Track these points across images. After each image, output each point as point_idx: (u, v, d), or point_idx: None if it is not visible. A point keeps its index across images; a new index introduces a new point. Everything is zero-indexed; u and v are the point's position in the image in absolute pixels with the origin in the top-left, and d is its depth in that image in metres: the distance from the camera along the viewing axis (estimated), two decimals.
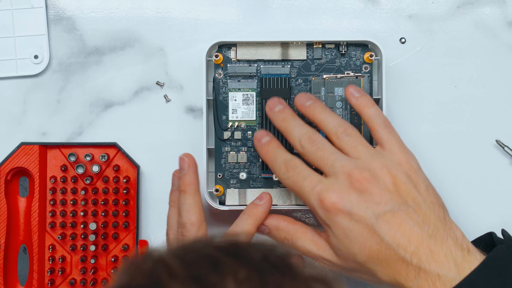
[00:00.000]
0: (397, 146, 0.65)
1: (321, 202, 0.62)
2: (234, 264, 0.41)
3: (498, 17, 0.75)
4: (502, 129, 0.74)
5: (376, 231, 0.61)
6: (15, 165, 0.73)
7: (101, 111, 0.75)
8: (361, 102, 0.66)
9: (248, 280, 0.41)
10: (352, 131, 0.65)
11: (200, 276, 0.40)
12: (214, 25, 0.75)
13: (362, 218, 0.61)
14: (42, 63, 0.75)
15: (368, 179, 0.62)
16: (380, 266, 0.62)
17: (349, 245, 0.62)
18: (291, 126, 0.66)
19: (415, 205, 0.62)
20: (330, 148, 0.64)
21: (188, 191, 0.66)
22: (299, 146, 0.65)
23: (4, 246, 0.72)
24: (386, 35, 0.75)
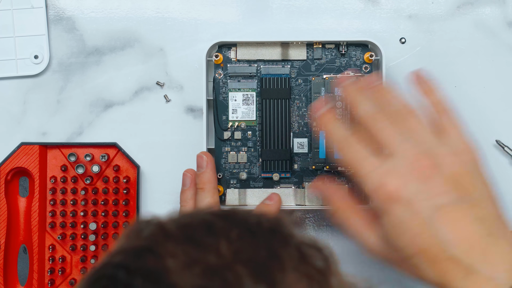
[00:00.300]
0: (463, 136, 0.61)
1: (381, 186, 0.59)
2: (227, 226, 0.42)
3: (498, 17, 0.75)
4: (502, 129, 0.74)
5: (431, 224, 0.57)
6: (15, 165, 0.73)
7: (101, 111, 0.75)
8: (428, 87, 0.63)
9: (240, 239, 0.42)
10: (418, 114, 0.62)
11: (194, 237, 0.42)
12: (214, 25, 0.75)
13: (419, 208, 0.58)
14: (42, 63, 0.75)
15: (432, 167, 0.59)
16: (427, 263, 0.58)
17: (400, 236, 0.59)
18: (362, 99, 0.62)
19: (475, 200, 0.59)
20: (399, 127, 0.61)
21: (207, 188, 0.68)
22: (371, 119, 0.61)
23: (4, 246, 0.72)
24: (386, 35, 0.75)
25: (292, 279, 0.41)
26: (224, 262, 0.41)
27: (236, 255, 0.41)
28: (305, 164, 0.72)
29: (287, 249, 0.43)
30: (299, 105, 0.72)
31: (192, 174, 0.69)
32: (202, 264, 0.40)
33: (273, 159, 0.71)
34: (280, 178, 0.72)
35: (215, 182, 0.69)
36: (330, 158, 0.71)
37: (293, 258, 0.42)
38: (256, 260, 0.41)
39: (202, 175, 0.69)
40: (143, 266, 0.41)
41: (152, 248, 0.41)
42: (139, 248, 0.42)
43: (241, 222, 0.44)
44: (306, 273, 0.42)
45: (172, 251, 0.41)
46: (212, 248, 0.41)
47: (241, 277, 0.40)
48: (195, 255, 0.41)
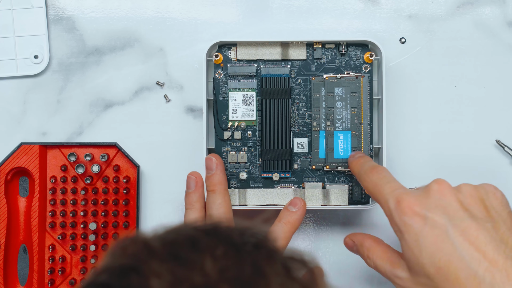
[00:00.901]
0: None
1: (398, 203, 0.60)
2: (212, 243, 0.42)
3: (498, 17, 0.75)
4: (502, 129, 0.74)
5: (450, 239, 0.57)
6: (15, 165, 0.73)
7: (101, 111, 0.75)
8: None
9: (225, 256, 0.41)
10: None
11: (178, 254, 0.41)
12: (214, 25, 0.75)
13: (438, 223, 0.58)
14: (42, 63, 0.75)
15: (451, 189, 0.60)
16: (450, 283, 0.57)
17: (420, 254, 0.58)
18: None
19: (495, 223, 0.59)
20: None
21: (218, 190, 0.68)
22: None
23: (4, 246, 0.72)
24: (386, 35, 0.75)
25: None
26: (209, 281, 0.40)
27: (221, 273, 0.41)
28: (305, 164, 0.72)
29: (272, 265, 0.42)
30: (299, 105, 0.72)
31: (197, 177, 0.69)
32: (187, 284, 0.40)
33: (273, 159, 0.71)
34: (280, 178, 0.72)
35: (225, 184, 0.69)
36: (330, 158, 0.71)
37: (278, 273, 0.42)
38: (241, 278, 0.41)
39: (213, 177, 0.69)
40: (127, 286, 0.40)
41: (136, 267, 0.41)
42: (123, 267, 0.41)
43: (226, 238, 0.43)
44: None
45: (157, 270, 0.41)
46: (197, 266, 0.41)
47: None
48: (180, 274, 0.40)
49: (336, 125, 0.71)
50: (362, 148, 0.71)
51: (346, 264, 0.74)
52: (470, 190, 0.60)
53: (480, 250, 0.57)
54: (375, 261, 0.64)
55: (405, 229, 0.59)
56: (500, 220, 0.59)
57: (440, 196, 0.59)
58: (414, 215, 0.59)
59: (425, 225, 0.58)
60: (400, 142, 0.74)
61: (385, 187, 0.62)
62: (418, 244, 0.59)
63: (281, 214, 0.68)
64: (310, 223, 0.75)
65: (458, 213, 0.59)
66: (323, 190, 0.71)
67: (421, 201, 0.59)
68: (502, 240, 0.58)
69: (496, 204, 0.60)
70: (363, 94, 0.71)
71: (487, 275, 0.56)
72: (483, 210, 0.59)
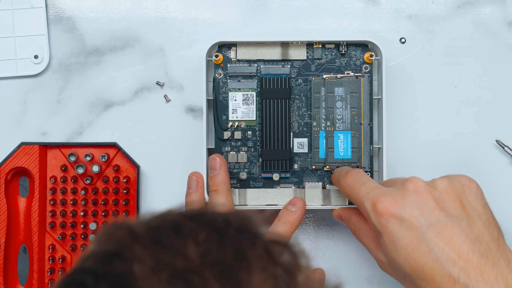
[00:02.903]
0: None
1: (374, 205, 0.60)
2: (195, 228, 0.43)
3: (498, 17, 0.75)
4: (502, 129, 0.74)
5: (425, 241, 0.58)
6: (15, 165, 0.73)
7: (101, 111, 0.75)
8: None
9: (207, 241, 0.42)
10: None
11: (161, 240, 0.42)
12: (214, 25, 0.75)
13: (413, 225, 0.59)
14: (42, 63, 0.75)
15: (426, 187, 0.60)
16: (425, 282, 0.58)
17: (396, 254, 0.59)
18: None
19: (470, 219, 0.59)
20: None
21: (221, 190, 0.68)
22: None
23: (4, 246, 0.72)
24: (386, 35, 0.75)
25: (258, 280, 0.42)
26: (191, 265, 0.41)
27: (203, 258, 0.41)
28: (305, 164, 0.72)
29: (254, 249, 0.43)
30: (299, 105, 0.72)
31: (198, 177, 0.69)
32: (169, 269, 0.41)
33: (273, 159, 0.71)
34: (280, 178, 0.72)
35: (228, 184, 0.69)
36: (330, 158, 0.71)
37: (260, 257, 0.43)
38: (222, 262, 0.41)
39: (216, 177, 0.69)
40: (111, 272, 0.41)
41: (120, 253, 0.42)
42: (108, 253, 0.42)
43: (209, 223, 0.44)
44: (273, 273, 0.42)
45: (140, 255, 0.41)
46: (180, 251, 0.41)
47: (207, 280, 0.40)
48: (162, 259, 0.41)
49: (336, 125, 0.71)
50: (362, 148, 0.71)
51: (346, 264, 0.74)
52: (446, 186, 0.60)
53: (455, 250, 0.58)
54: (362, 238, 0.67)
55: (383, 230, 0.60)
56: (475, 215, 0.60)
57: (415, 196, 0.60)
58: (390, 217, 0.60)
59: (401, 226, 0.59)
60: (400, 142, 0.74)
61: (361, 189, 0.63)
62: (394, 245, 0.60)
63: (280, 214, 0.68)
64: (310, 223, 0.75)
65: (434, 213, 0.59)
66: (323, 190, 0.71)
67: (397, 201, 0.60)
68: (477, 238, 0.58)
69: (471, 198, 0.60)
70: (363, 94, 0.71)
71: (462, 275, 0.57)
72: (459, 207, 0.60)
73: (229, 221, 0.44)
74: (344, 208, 0.70)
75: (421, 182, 0.61)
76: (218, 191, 0.68)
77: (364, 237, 0.66)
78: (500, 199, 0.74)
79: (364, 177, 0.64)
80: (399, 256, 0.59)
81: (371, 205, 0.61)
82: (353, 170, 0.66)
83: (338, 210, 0.70)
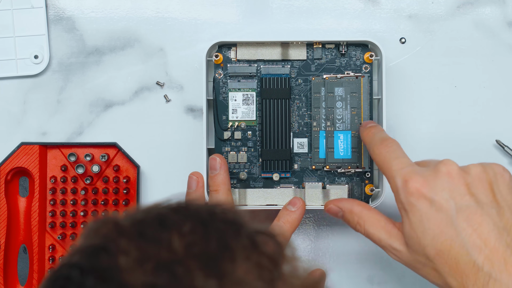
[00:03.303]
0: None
1: (405, 182, 0.59)
2: (180, 220, 0.43)
3: (498, 17, 0.75)
4: (502, 129, 0.74)
5: (453, 224, 0.57)
6: (15, 165, 0.73)
7: (101, 111, 0.75)
8: None
9: (191, 232, 0.42)
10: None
11: (146, 232, 0.42)
12: (214, 25, 0.75)
13: (443, 207, 0.58)
14: (42, 63, 0.75)
15: (459, 172, 0.59)
16: (448, 267, 0.58)
17: (422, 235, 0.58)
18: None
19: (500, 209, 0.59)
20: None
21: (221, 190, 0.68)
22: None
23: (4, 246, 0.72)
24: (386, 35, 0.75)
25: (242, 269, 0.42)
26: (176, 257, 0.41)
27: (188, 249, 0.42)
28: (305, 164, 0.72)
29: (239, 239, 0.43)
30: (299, 105, 0.72)
31: (198, 177, 0.69)
32: (154, 260, 0.41)
33: (273, 159, 0.71)
34: (280, 178, 0.72)
35: (229, 184, 0.69)
36: (330, 158, 0.71)
37: (244, 247, 0.43)
38: (207, 253, 0.42)
39: (216, 177, 0.69)
40: (96, 265, 0.42)
41: (105, 247, 0.42)
42: (94, 247, 0.43)
43: (194, 215, 0.44)
44: (257, 262, 0.42)
45: (125, 248, 0.42)
46: (165, 243, 0.42)
47: (192, 271, 0.41)
48: (147, 251, 0.42)
49: (336, 125, 0.71)
50: (362, 148, 0.71)
51: (346, 264, 0.74)
52: (479, 172, 0.60)
53: (482, 238, 0.57)
54: (368, 229, 0.64)
55: (410, 209, 0.59)
56: (505, 205, 0.59)
57: (448, 178, 0.59)
58: (420, 196, 0.59)
59: (431, 207, 0.58)
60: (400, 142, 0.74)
61: (394, 163, 0.61)
62: (422, 225, 0.59)
63: (280, 214, 0.68)
64: (310, 223, 0.75)
65: (464, 198, 0.58)
66: (323, 190, 0.71)
67: (429, 182, 0.59)
68: (505, 228, 0.58)
69: (503, 187, 0.60)
70: (363, 94, 0.71)
71: (486, 263, 0.56)
72: (490, 194, 0.59)
73: (214, 212, 0.45)
74: (342, 199, 0.67)
75: (454, 166, 0.60)
76: (218, 191, 0.68)
77: (371, 227, 0.63)
78: None
79: (398, 150, 0.63)
80: (426, 237, 0.58)
81: (403, 181, 0.60)
82: (389, 140, 0.64)
83: (335, 202, 0.67)
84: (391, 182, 0.61)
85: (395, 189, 0.61)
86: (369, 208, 0.64)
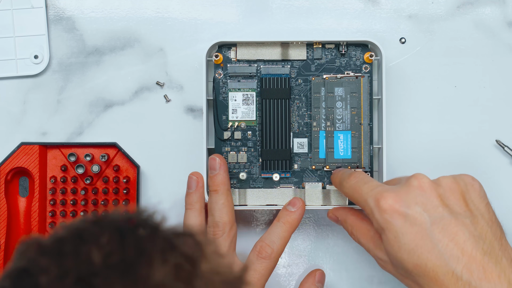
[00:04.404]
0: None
1: (377, 201, 0.60)
2: (98, 231, 0.44)
3: (498, 17, 0.75)
4: (502, 129, 0.74)
5: (429, 236, 0.58)
6: (15, 165, 0.73)
7: (101, 111, 0.75)
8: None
9: (109, 243, 0.43)
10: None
11: (65, 248, 0.43)
12: (214, 25, 0.75)
13: (418, 220, 0.59)
14: (42, 63, 0.75)
15: (431, 184, 0.60)
16: (428, 278, 0.58)
17: (399, 249, 0.59)
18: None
19: (473, 218, 0.59)
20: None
21: (221, 190, 0.68)
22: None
23: (4, 246, 0.72)
24: (386, 35, 0.75)
25: (160, 272, 0.42)
26: (94, 269, 0.42)
27: (106, 259, 0.42)
28: (305, 164, 0.72)
29: (155, 242, 0.44)
30: (299, 105, 0.72)
31: (198, 177, 0.69)
32: (73, 275, 0.42)
33: (273, 159, 0.71)
34: (280, 178, 0.72)
35: (228, 184, 0.69)
36: (330, 158, 0.71)
37: (161, 250, 0.43)
38: (124, 260, 0.42)
39: (216, 177, 0.69)
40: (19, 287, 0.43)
41: (28, 268, 0.43)
42: (18, 270, 0.43)
43: (112, 224, 0.45)
44: (175, 263, 0.43)
45: (45, 267, 0.42)
46: (84, 257, 0.43)
47: (111, 281, 0.41)
48: (67, 266, 0.42)
49: (336, 125, 0.71)
50: (362, 148, 0.71)
51: (346, 264, 0.74)
52: (450, 183, 0.61)
53: (459, 247, 0.58)
54: (359, 238, 0.66)
55: (386, 226, 0.60)
56: (478, 214, 0.60)
57: (420, 192, 0.60)
58: (394, 212, 0.60)
59: (405, 222, 0.59)
60: (400, 142, 0.74)
61: (363, 188, 0.63)
62: (397, 241, 0.59)
63: (280, 214, 0.68)
64: (310, 223, 0.75)
65: (438, 210, 0.59)
66: (323, 190, 0.71)
67: (401, 197, 0.60)
68: (481, 236, 0.58)
69: (475, 196, 0.61)
70: (363, 94, 0.71)
71: (465, 272, 0.57)
72: (462, 204, 0.60)
73: (131, 219, 0.45)
74: (339, 208, 0.69)
75: (425, 179, 0.61)
76: (218, 191, 0.68)
77: (362, 237, 0.66)
78: (500, 199, 0.74)
79: (366, 177, 0.64)
80: (402, 252, 0.59)
81: (375, 201, 0.61)
82: (356, 172, 0.66)
83: (333, 211, 0.70)
84: (365, 207, 0.62)
85: (369, 211, 0.62)
86: (361, 219, 0.67)
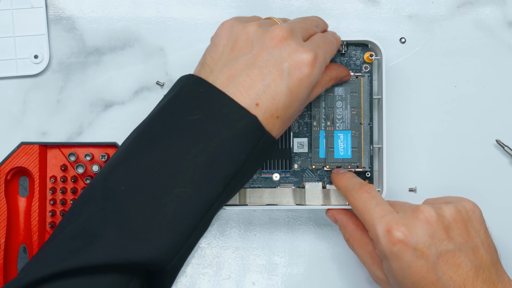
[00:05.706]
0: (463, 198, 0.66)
1: (388, 232, 0.62)
2: None
3: (498, 17, 0.75)
4: (502, 129, 0.74)
5: (434, 269, 0.61)
6: (15, 165, 0.73)
7: (101, 111, 0.75)
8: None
9: None
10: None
11: None
12: (214, 25, 0.75)
13: (425, 254, 0.61)
14: (42, 63, 0.75)
15: (437, 217, 0.62)
16: None
17: (403, 280, 0.62)
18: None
19: (475, 246, 0.62)
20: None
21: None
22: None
23: (4, 246, 0.72)
24: (386, 35, 0.75)
25: None
26: None
27: None
28: (305, 163, 0.72)
29: None
30: None
31: None
32: None
33: (273, 159, 0.71)
34: (280, 177, 0.72)
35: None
36: (330, 158, 0.71)
37: None
38: None
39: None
40: None
41: None
42: None
43: None
44: None
45: None
46: None
47: None
48: None
49: (336, 125, 0.71)
50: (362, 148, 0.71)
51: (346, 264, 0.74)
52: (454, 213, 0.63)
53: (461, 278, 0.60)
54: (356, 248, 0.68)
55: (392, 257, 0.62)
56: (479, 241, 0.62)
57: (427, 226, 0.61)
58: (403, 246, 0.61)
59: (413, 255, 0.61)
60: (400, 142, 0.74)
61: (375, 210, 0.63)
62: (402, 272, 0.61)
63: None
64: (310, 223, 0.75)
65: (443, 243, 0.61)
66: (323, 190, 0.71)
67: (411, 231, 0.61)
68: (480, 265, 0.61)
69: (476, 223, 0.63)
70: (363, 94, 0.71)
71: None
72: (465, 234, 0.62)
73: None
74: (340, 212, 0.70)
75: (432, 211, 0.62)
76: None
77: (359, 248, 0.67)
78: (500, 199, 0.74)
79: (378, 196, 0.65)
80: (406, 282, 0.61)
81: (385, 230, 0.62)
82: (367, 185, 0.66)
83: (333, 213, 0.70)
84: (370, 229, 0.63)
85: (375, 236, 0.63)
86: (361, 230, 0.68)
